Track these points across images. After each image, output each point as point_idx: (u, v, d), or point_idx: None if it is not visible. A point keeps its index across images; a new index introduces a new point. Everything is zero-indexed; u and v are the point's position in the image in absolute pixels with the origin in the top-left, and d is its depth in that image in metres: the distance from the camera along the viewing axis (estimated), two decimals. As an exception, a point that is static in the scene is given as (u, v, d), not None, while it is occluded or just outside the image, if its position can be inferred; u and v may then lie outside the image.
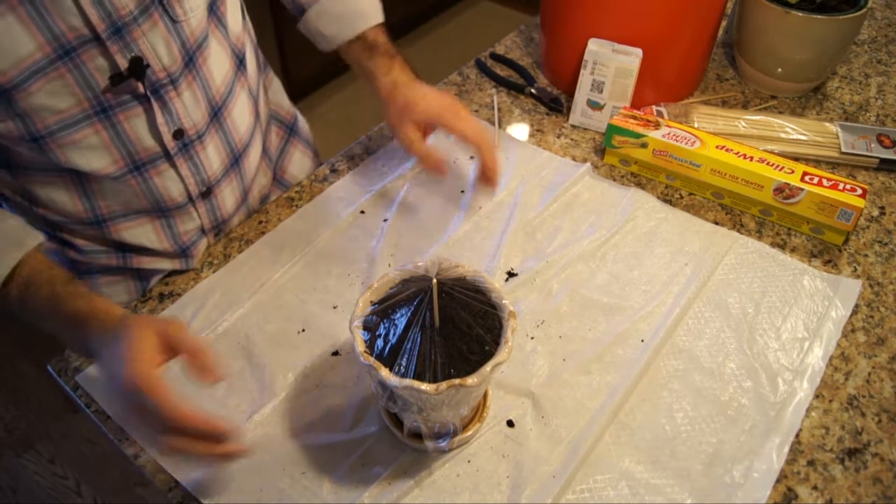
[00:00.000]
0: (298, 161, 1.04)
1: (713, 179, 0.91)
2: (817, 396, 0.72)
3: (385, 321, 0.61)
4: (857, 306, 0.80)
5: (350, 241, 0.88)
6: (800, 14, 0.99)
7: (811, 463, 0.67)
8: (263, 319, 0.79)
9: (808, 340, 0.76)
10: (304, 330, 0.78)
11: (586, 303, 0.80)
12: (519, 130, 1.05)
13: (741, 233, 0.88)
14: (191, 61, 0.72)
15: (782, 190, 0.87)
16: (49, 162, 0.70)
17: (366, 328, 0.60)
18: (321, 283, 0.83)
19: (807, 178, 0.87)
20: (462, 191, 0.93)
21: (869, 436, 0.69)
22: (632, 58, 0.97)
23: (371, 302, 0.63)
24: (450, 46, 0.80)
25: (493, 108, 1.08)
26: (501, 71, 1.16)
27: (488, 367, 0.57)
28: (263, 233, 0.89)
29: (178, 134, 0.74)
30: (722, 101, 1.10)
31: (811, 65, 1.06)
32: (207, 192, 0.82)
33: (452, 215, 0.90)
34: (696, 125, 1.01)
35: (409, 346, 0.58)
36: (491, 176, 0.84)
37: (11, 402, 1.84)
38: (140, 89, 0.69)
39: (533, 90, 1.10)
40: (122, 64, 0.66)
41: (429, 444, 0.65)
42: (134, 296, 0.87)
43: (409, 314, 0.60)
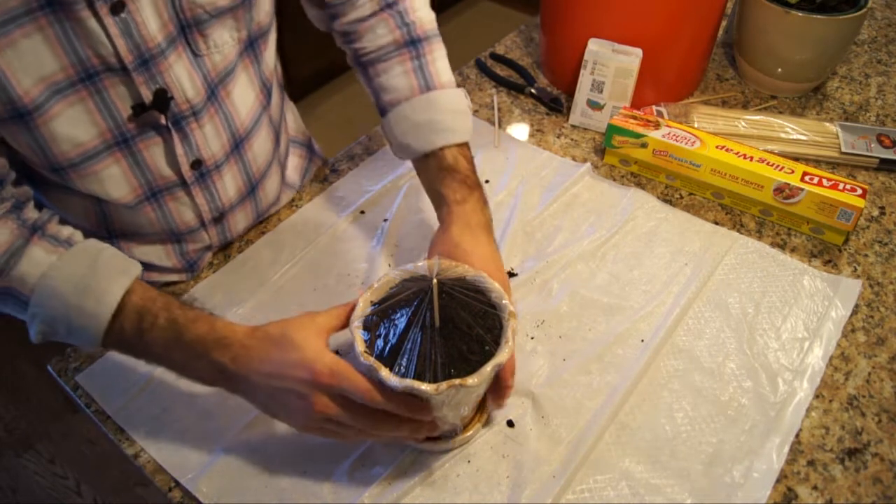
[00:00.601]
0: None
1: (713, 179, 0.91)
2: (817, 396, 0.72)
3: (385, 321, 0.61)
4: (857, 306, 0.80)
5: (350, 242, 0.87)
6: (800, 14, 0.99)
7: (811, 463, 0.67)
8: (263, 319, 0.77)
9: (808, 340, 0.76)
10: (305, 330, 0.77)
11: (586, 303, 0.80)
12: (519, 130, 1.05)
13: (741, 233, 0.88)
14: (213, 94, 0.71)
15: (782, 190, 0.87)
16: (68, 183, 0.69)
17: (366, 328, 0.60)
18: (321, 283, 0.83)
19: (807, 178, 0.87)
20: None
21: (869, 436, 0.69)
22: (632, 58, 0.97)
23: (371, 302, 0.63)
24: (450, 46, 0.79)
25: (493, 108, 1.08)
26: (501, 71, 1.16)
27: (488, 368, 0.57)
28: (263, 233, 0.89)
29: (196, 164, 0.73)
30: (722, 101, 1.10)
31: (811, 65, 1.06)
32: (220, 217, 0.82)
33: (452, 215, 0.90)
34: (696, 125, 1.01)
35: (410, 347, 0.58)
36: (502, 394, 0.66)
37: (11, 402, 1.84)
38: (162, 121, 0.68)
39: (533, 90, 1.10)
40: (147, 96, 0.65)
41: (429, 444, 0.65)
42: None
43: (410, 314, 0.60)
